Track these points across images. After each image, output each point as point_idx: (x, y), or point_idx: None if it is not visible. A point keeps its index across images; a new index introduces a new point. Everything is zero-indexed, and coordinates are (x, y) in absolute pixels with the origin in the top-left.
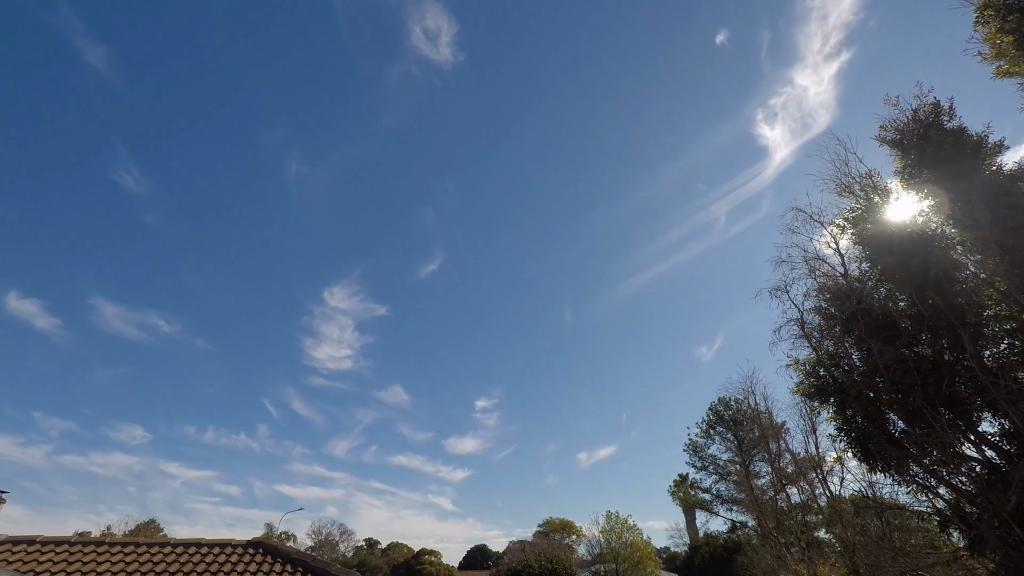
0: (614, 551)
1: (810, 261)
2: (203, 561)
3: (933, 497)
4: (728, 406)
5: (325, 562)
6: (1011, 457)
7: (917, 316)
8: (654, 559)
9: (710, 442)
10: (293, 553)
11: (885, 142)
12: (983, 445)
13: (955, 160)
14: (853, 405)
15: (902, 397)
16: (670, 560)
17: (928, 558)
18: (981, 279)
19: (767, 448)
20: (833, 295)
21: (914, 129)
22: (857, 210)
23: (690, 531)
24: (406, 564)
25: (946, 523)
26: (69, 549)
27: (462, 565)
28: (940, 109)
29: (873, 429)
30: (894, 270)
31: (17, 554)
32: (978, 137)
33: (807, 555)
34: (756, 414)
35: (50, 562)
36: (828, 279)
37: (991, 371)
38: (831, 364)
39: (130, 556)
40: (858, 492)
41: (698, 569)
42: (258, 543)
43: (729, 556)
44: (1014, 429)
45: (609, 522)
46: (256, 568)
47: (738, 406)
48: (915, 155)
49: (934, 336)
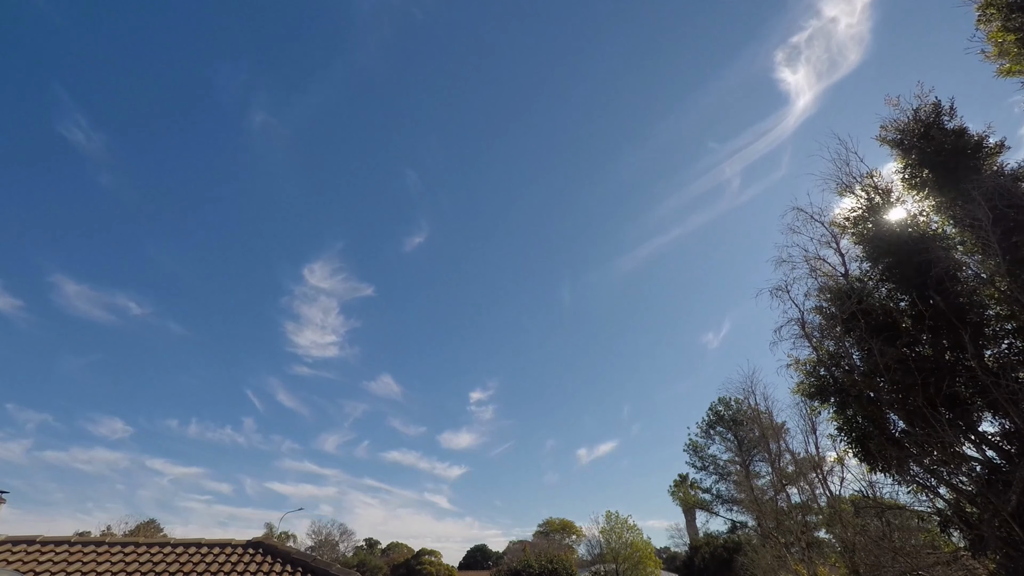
0: (614, 551)
1: (811, 261)
2: (203, 561)
3: (933, 497)
4: (728, 406)
5: (325, 562)
6: (1011, 457)
7: (918, 316)
8: (654, 559)
9: (710, 442)
10: (293, 553)
11: (886, 142)
12: (983, 445)
13: (956, 160)
14: (853, 405)
15: (902, 397)
16: (670, 560)
17: (928, 558)
18: (982, 279)
19: (767, 448)
20: (834, 295)
21: (915, 129)
22: (858, 210)
23: (690, 531)
24: (406, 564)
25: (946, 523)
26: (69, 549)
27: (462, 565)
28: (941, 109)
29: (873, 429)
30: (895, 270)
31: (17, 554)
32: (979, 137)
33: (807, 555)
34: (756, 414)
35: (50, 562)
36: (829, 279)
37: (992, 371)
38: (831, 364)
39: (130, 556)
40: (858, 492)
41: (698, 569)
42: (258, 543)
43: (729, 556)
44: (1015, 429)
45: (609, 522)
46: (256, 568)
47: (738, 406)
48: (916, 155)
49: (935, 336)
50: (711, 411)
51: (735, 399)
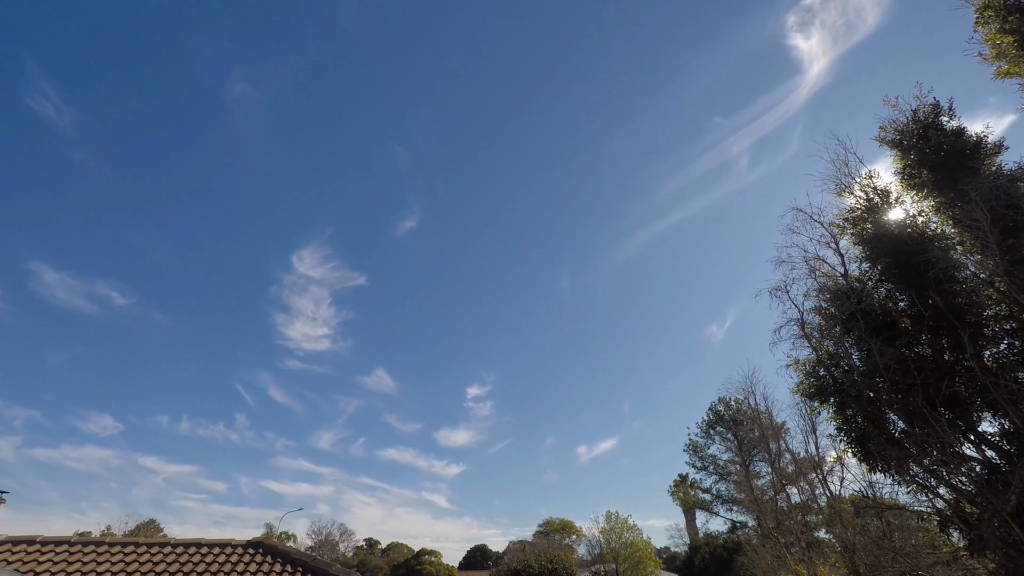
0: (614, 551)
1: (810, 261)
2: (203, 561)
3: (933, 497)
4: (728, 406)
5: (325, 562)
6: (1011, 457)
7: (917, 316)
8: (654, 559)
9: (710, 442)
10: (293, 553)
11: (885, 142)
12: (983, 445)
13: (955, 160)
14: (853, 405)
15: (902, 397)
16: (670, 560)
17: (928, 558)
18: (981, 279)
19: (767, 448)
20: (833, 295)
21: (914, 129)
22: (857, 210)
23: (690, 531)
24: (406, 564)
25: (946, 523)
26: (69, 549)
27: (462, 565)
28: (939, 109)
29: (873, 429)
30: (894, 270)
31: (17, 554)
32: (977, 137)
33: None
34: (756, 414)
35: (50, 562)
36: (828, 279)
37: (991, 371)
38: (831, 364)
39: (130, 556)
40: (858, 492)
41: (698, 569)
42: (258, 543)
43: (729, 556)
44: (1014, 429)
45: (609, 522)
46: (256, 568)
47: (738, 406)
48: (915, 155)
49: (934, 336)
50: (711, 411)
51: (735, 399)
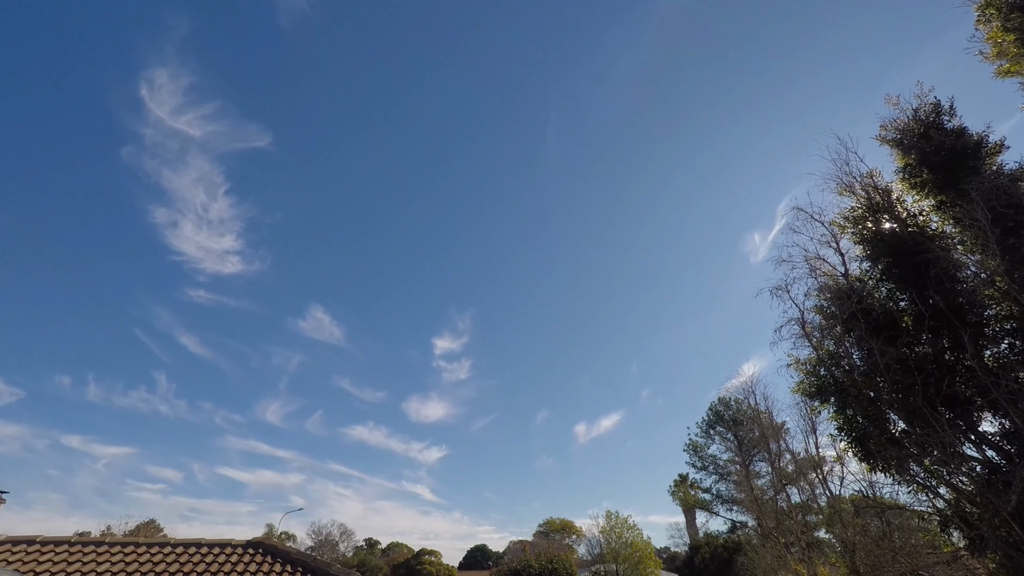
0: (614, 551)
1: (811, 260)
2: (203, 561)
3: (933, 497)
4: (728, 406)
5: (325, 562)
6: (1011, 457)
7: (917, 316)
8: (654, 559)
9: (710, 442)
10: (293, 553)
11: (886, 141)
12: (983, 445)
13: (956, 160)
14: (853, 405)
15: (902, 397)
16: (670, 560)
17: (928, 558)
18: (981, 279)
19: (767, 448)
20: (834, 294)
21: (914, 128)
22: (857, 209)
23: (690, 531)
24: (406, 564)
25: (946, 523)
26: (69, 549)
27: (462, 565)
28: (940, 108)
29: (873, 429)
30: (894, 270)
31: (17, 554)
32: (978, 137)
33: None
34: (756, 414)
35: (50, 562)
36: (829, 278)
37: (992, 371)
38: (831, 364)
39: (130, 556)
40: (858, 492)
41: (698, 569)
42: (258, 543)
43: (729, 556)
44: (1014, 429)
45: (609, 522)
46: (256, 568)
47: (738, 406)
48: (915, 154)
49: (934, 336)
50: (711, 411)
51: (735, 399)
